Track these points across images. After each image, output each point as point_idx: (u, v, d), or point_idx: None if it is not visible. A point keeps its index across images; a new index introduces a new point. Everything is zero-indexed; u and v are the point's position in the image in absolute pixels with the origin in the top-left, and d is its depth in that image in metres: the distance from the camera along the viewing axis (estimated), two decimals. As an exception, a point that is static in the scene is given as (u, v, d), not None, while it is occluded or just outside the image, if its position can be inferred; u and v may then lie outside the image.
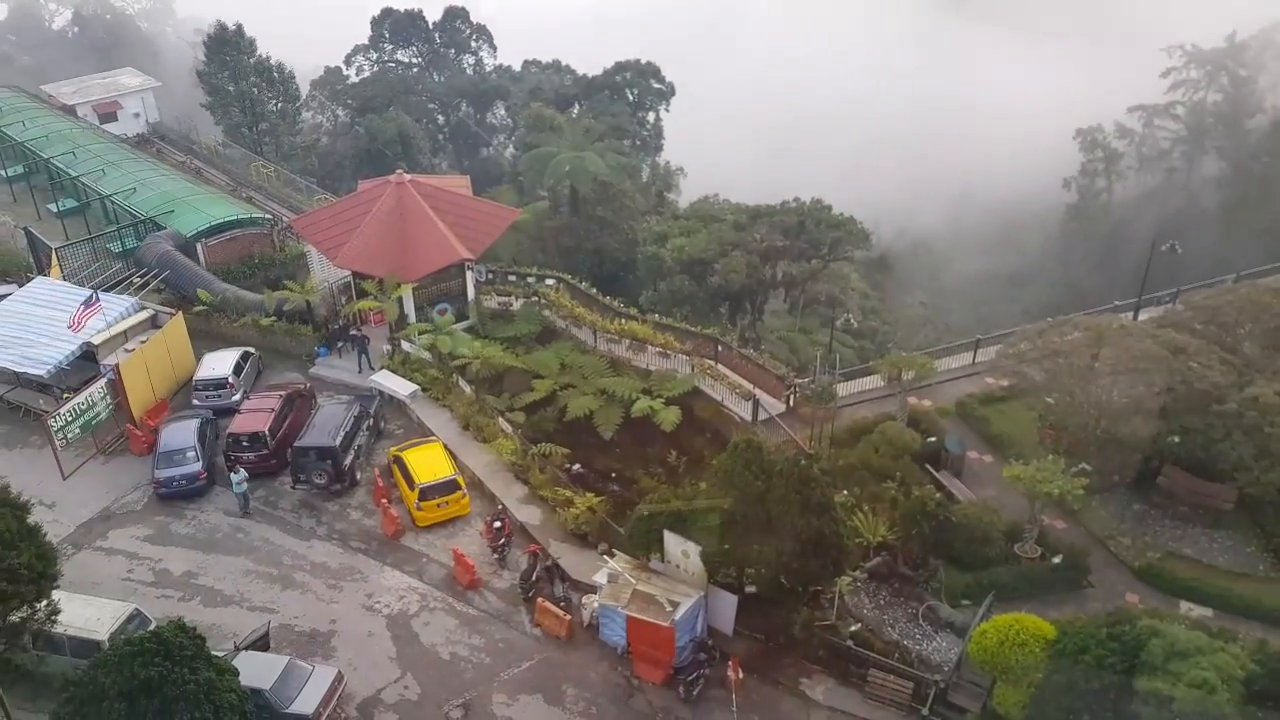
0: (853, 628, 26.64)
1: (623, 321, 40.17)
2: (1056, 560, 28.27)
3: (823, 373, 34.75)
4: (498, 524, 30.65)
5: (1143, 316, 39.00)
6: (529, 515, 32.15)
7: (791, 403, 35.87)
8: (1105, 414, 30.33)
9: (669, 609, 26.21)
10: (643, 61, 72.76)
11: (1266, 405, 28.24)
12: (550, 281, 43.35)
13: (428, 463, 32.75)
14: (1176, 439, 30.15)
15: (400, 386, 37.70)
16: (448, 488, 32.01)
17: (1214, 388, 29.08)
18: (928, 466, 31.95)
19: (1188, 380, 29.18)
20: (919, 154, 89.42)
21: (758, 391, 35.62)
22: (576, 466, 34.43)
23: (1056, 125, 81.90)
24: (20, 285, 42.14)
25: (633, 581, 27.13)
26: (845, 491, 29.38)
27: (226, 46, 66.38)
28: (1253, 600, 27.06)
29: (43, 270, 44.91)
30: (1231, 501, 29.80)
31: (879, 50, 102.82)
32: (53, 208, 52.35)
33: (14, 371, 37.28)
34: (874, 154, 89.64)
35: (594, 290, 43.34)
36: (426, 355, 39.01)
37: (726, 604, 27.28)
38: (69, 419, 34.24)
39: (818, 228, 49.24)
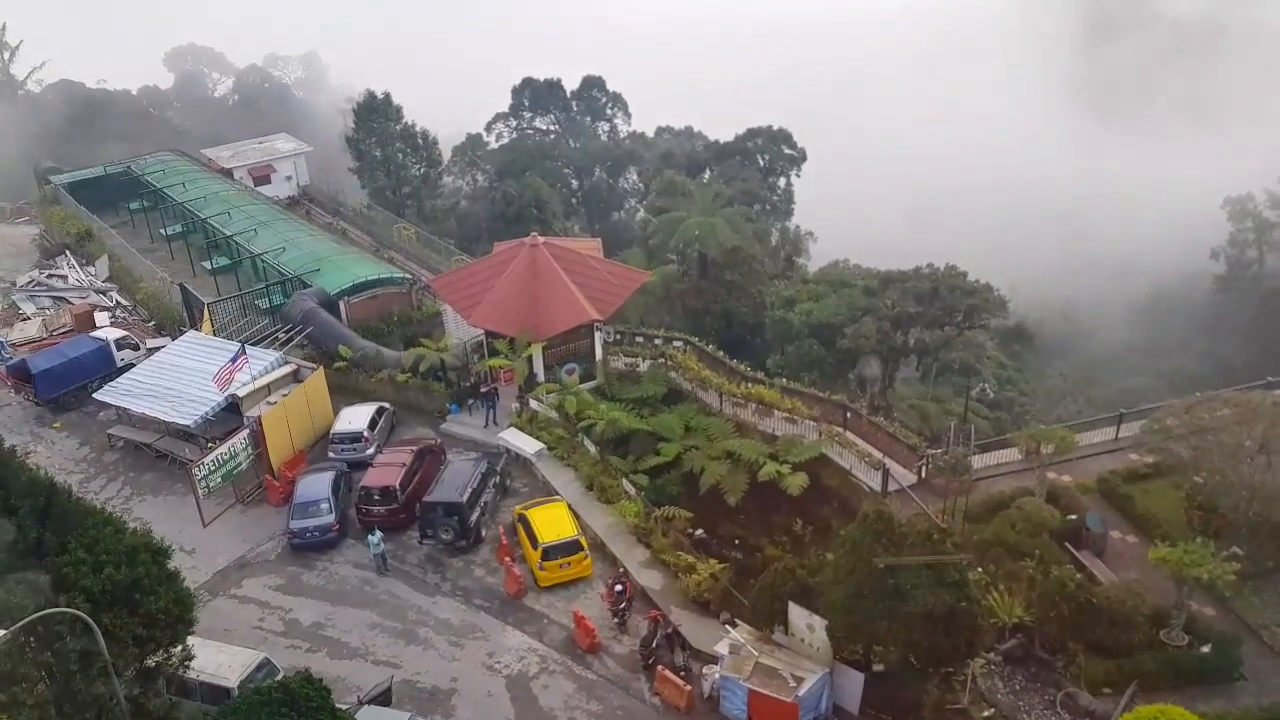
0: (986, 713, 25.58)
1: (749, 385, 40.00)
2: (1206, 649, 26.54)
3: (957, 443, 33.83)
4: (619, 587, 30.59)
5: (1302, 393, 36.58)
6: (650, 580, 31.99)
7: (923, 474, 34.96)
8: (1258, 495, 28.61)
9: (793, 684, 25.72)
10: (774, 127, 73.54)
11: None
12: (677, 344, 43.65)
13: (551, 522, 33.05)
14: (1340, 525, 28.06)
15: (527, 445, 38.51)
16: (570, 548, 32.20)
17: (1386, 473, 26.99)
18: (1067, 545, 30.59)
19: (1355, 464, 27.19)
20: (1059, 224, 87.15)
21: (888, 461, 34.90)
22: (699, 531, 34.22)
23: (1202, 196, 78.52)
24: (174, 338, 45.13)
25: (755, 653, 26.75)
26: (980, 569, 28.39)
27: (374, 114, 70.69)
28: None
29: (195, 324, 47.79)
30: None
31: (1012, 118, 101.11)
32: (207, 265, 55.52)
33: (163, 421, 39.43)
34: (1009, 221, 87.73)
35: (720, 353, 43.33)
36: (553, 414, 39.75)
37: (853, 681, 26.53)
38: (212, 468, 35.84)
39: (951, 294, 48.24)
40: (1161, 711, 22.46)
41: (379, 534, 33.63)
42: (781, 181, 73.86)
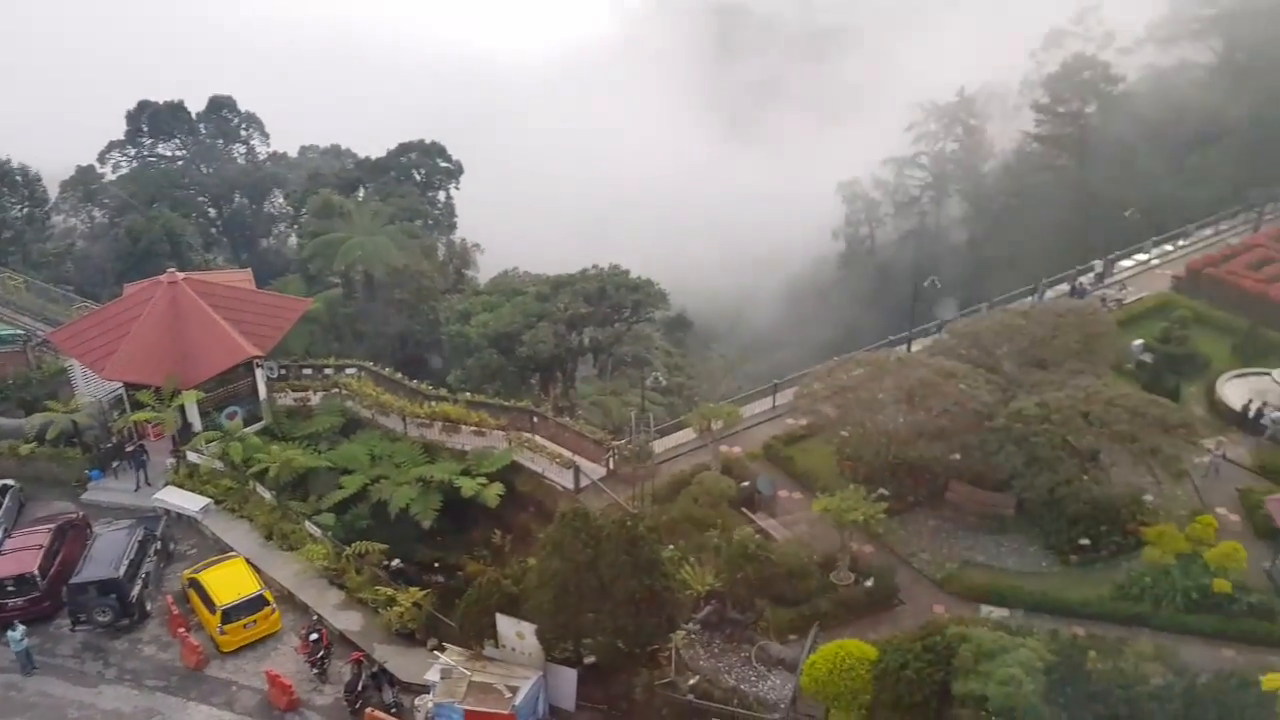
0: (691, 681, 26.91)
1: (433, 404, 39.40)
2: (869, 583, 29.83)
3: (638, 432, 35.42)
4: (314, 636, 28.91)
5: (915, 348, 42.39)
6: (349, 621, 30.65)
7: (611, 465, 36.24)
8: (894, 440, 32.69)
9: (508, 695, 25.60)
10: (427, 141, 72.71)
11: (1029, 417, 31.20)
12: (350, 371, 42.09)
13: (228, 581, 30.54)
14: (958, 456, 32.90)
15: (189, 502, 35.27)
16: (254, 605, 29.96)
17: (984, 406, 31.86)
18: (744, 510, 33.09)
19: (961, 402, 31.82)
20: (711, 225, 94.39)
21: (578, 459, 35.78)
22: (396, 562, 33.16)
23: (825, 186, 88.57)
24: None
25: (467, 673, 26.32)
26: (671, 546, 29.88)
27: (-45, 152, 61.00)
28: (1040, 595, 29.51)
29: None
30: (1011, 508, 32.62)
31: (662, 136, 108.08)
32: None
33: None
34: (668, 227, 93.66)
35: (399, 375, 42.36)
36: (218, 464, 36.77)
37: (566, 679, 26.90)
38: None
39: (618, 292, 50.55)
40: (841, 646, 24.93)
41: (20, 629, 29.34)
42: (441, 195, 73.17)
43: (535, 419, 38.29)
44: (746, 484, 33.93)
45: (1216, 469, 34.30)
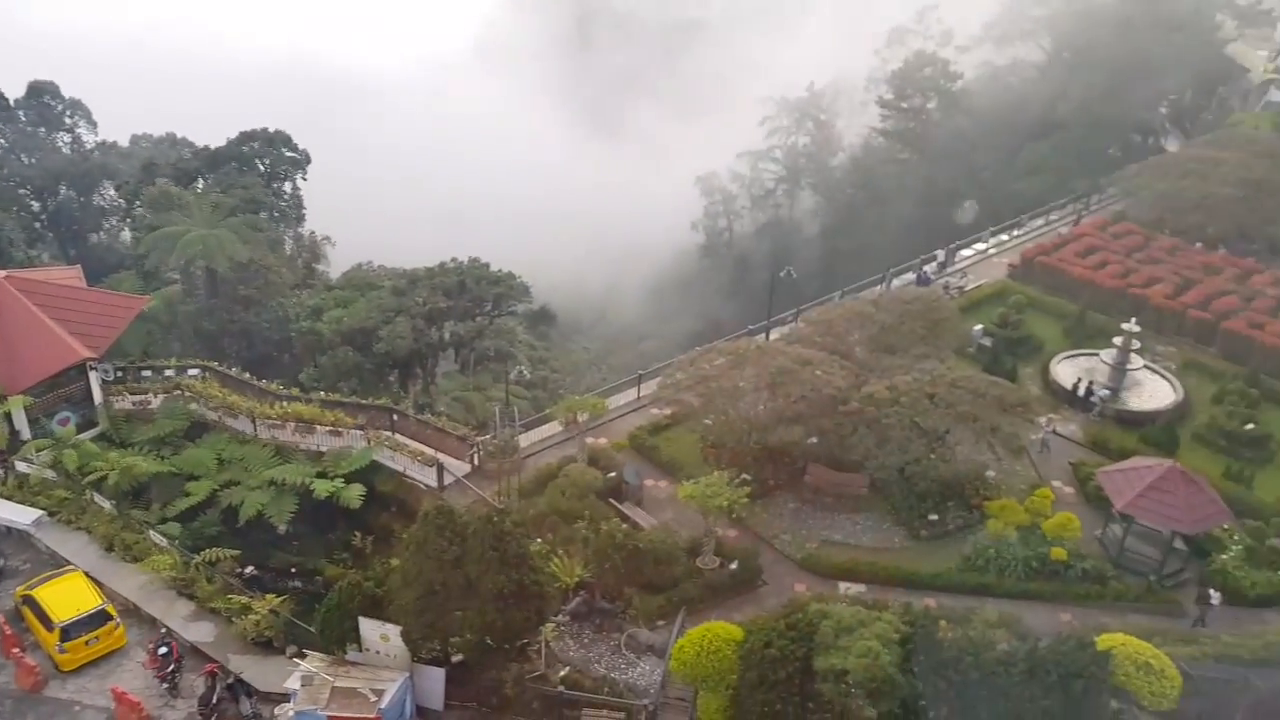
0: (561, 673, 26.90)
1: (285, 404, 37.93)
2: (733, 566, 30.53)
3: (503, 427, 35.08)
4: (163, 649, 27.37)
5: (773, 336, 43.57)
6: (200, 632, 29.26)
7: (476, 461, 35.86)
8: (755, 426, 33.55)
9: (373, 699, 24.92)
10: (271, 130, 69.44)
11: (880, 400, 32.60)
12: (194, 371, 40.08)
13: (66, 597, 28.58)
14: (815, 440, 34.08)
15: (19, 515, 32.74)
16: (95, 621, 28.13)
17: (838, 391, 33.07)
18: (611, 501, 33.24)
19: (816, 387, 32.92)
20: (577, 220, 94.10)
21: (440, 455, 35.24)
22: (250, 569, 31.82)
23: (687, 179, 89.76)
24: None
25: (330, 679, 25.48)
26: (539, 540, 29.74)
27: None
28: (894, 569, 30.94)
29: None
30: (865, 487, 34.06)
31: (530, 132, 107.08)
32: None
33: None
34: (532, 221, 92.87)
35: (246, 375, 40.61)
36: (50, 474, 34.32)
37: (434, 679, 26.42)
38: None
39: (479, 285, 49.71)
40: (708, 628, 25.37)
41: None
42: (287, 186, 69.97)
43: (395, 417, 37.45)
44: (613, 474, 34.10)
45: (1046, 444, 36.71)
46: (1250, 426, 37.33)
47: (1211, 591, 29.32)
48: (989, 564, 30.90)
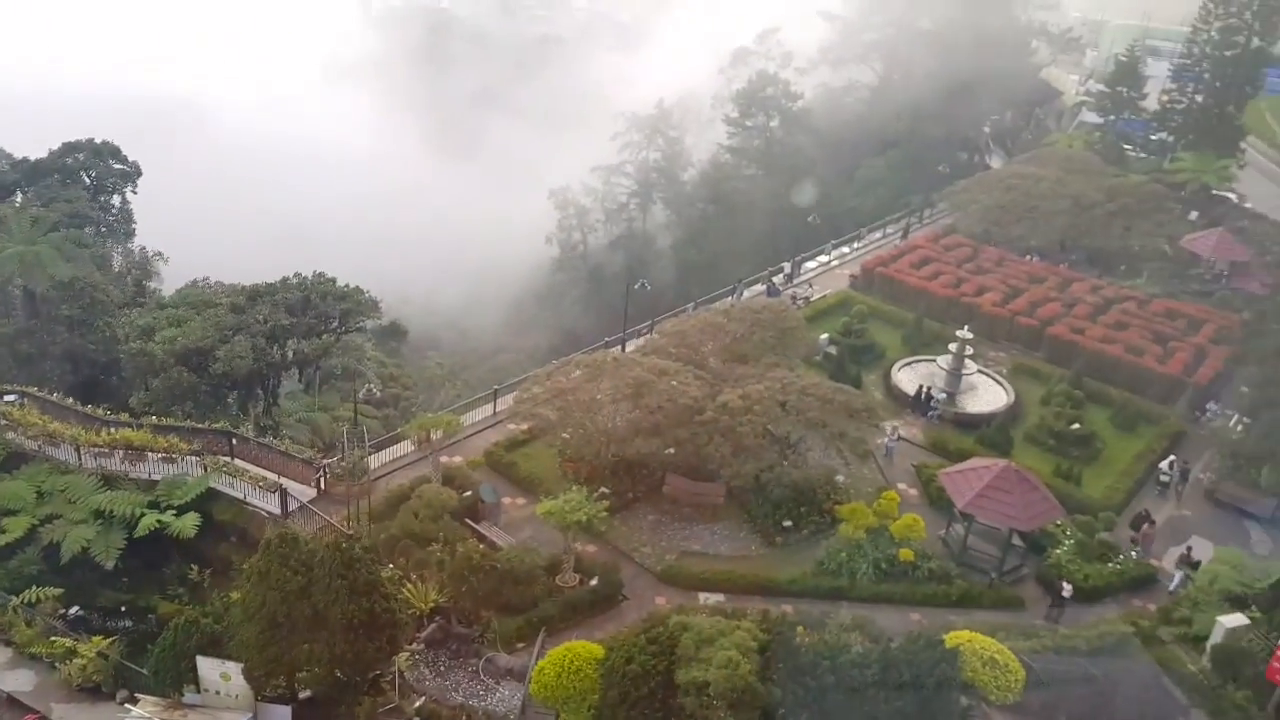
0: (416, 704, 26.03)
1: (112, 430, 35.62)
2: (594, 583, 30.31)
3: (351, 448, 33.77)
4: (-28, 704, 25.09)
5: (630, 347, 43.76)
6: (20, 681, 27.28)
7: (323, 485, 34.53)
8: (613, 439, 33.52)
9: (213, 743, 23.44)
10: (97, 140, 65.11)
11: (734, 408, 33.11)
12: (10, 398, 37.37)
13: None
14: (672, 450, 34.32)
15: None
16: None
17: (694, 401, 33.42)
18: (468, 521, 32.47)
19: (672, 398, 33.18)
20: (431, 235, 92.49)
21: (284, 480, 33.72)
22: (75, 610, 29.60)
23: (543, 193, 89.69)
24: None
25: (165, 724, 23.82)
26: (391, 565, 28.72)
27: None
28: (752, 577, 31.41)
29: None
30: (722, 496, 34.50)
31: (380, 147, 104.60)
32: None
33: None
34: (384, 238, 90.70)
35: (70, 401, 38.16)
36: None
37: (279, 718, 25.08)
38: None
39: (324, 301, 47.79)
40: (568, 648, 25.10)
41: None
42: (116, 199, 65.72)
43: (234, 441, 35.68)
44: (469, 493, 33.35)
45: (889, 449, 38.22)
46: (1075, 426, 39.91)
47: (1064, 584, 30.95)
48: (841, 568, 31.71)
